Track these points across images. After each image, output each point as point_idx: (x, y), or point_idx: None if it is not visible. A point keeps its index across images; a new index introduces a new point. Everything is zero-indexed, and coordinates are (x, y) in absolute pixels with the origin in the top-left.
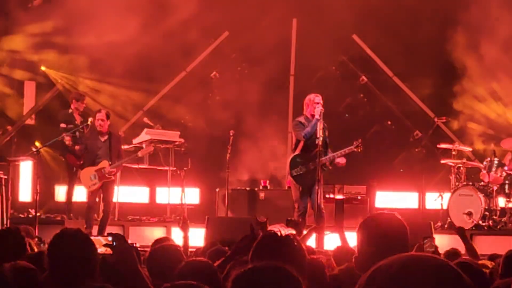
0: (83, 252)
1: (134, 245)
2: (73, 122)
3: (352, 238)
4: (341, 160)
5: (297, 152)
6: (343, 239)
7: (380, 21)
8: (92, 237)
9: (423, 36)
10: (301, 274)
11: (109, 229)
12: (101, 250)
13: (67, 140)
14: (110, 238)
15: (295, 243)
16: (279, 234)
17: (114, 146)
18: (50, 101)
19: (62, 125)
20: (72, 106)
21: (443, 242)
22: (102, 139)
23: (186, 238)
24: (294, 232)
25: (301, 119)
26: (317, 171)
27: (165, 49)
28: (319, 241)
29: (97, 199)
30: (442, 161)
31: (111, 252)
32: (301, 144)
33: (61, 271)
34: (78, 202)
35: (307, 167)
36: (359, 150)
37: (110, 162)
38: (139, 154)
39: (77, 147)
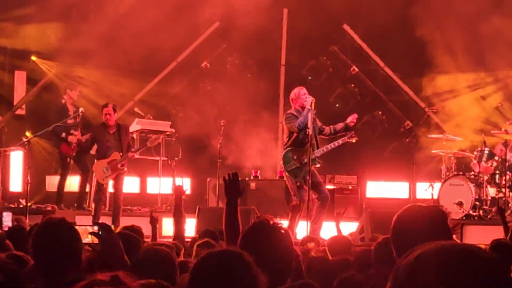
0: (67, 241)
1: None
2: (67, 114)
3: (345, 228)
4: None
5: (290, 147)
6: (339, 229)
7: (371, 11)
8: (78, 226)
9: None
10: (287, 262)
11: (101, 219)
12: (87, 239)
13: (73, 140)
14: (96, 228)
15: (283, 232)
16: (269, 222)
17: (124, 137)
18: (40, 91)
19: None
20: (65, 97)
21: None
22: (111, 132)
23: (154, 232)
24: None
25: (292, 111)
26: (309, 162)
27: (155, 39)
28: (315, 230)
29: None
30: (433, 151)
31: (97, 242)
32: (294, 136)
33: (45, 261)
34: (70, 192)
35: (300, 160)
36: (353, 141)
37: (121, 154)
38: (148, 144)
39: (82, 138)
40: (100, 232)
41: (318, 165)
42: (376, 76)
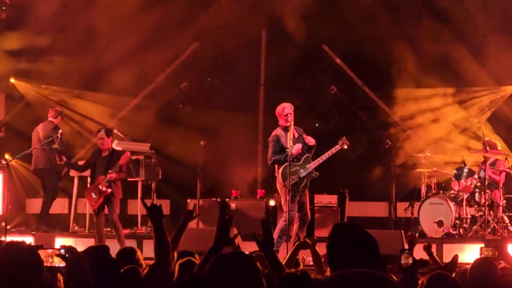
0: (26, 264)
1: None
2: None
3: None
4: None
5: (285, 163)
6: (314, 250)
7: (348, 31)
8: (45, 249)
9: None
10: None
11: (80, 241)
12: (57, 262)
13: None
14: (62, 251)
15: (252, 261)
16: (237, 250)
17: (114, 161)
18: (19, 113)
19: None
20: (56, 122)
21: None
22: (103, 156)
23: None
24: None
25: (277, 131)
26: (288, 182)
27: (135, 60)
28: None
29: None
30: (413, 170)
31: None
32: (286, 153)
33: (5, 285)
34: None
35: (298, 175)
36: (345, 147)
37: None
38: (120, 162)
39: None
40: (66, 255)
41: (315, 176)
42: (355, 95)
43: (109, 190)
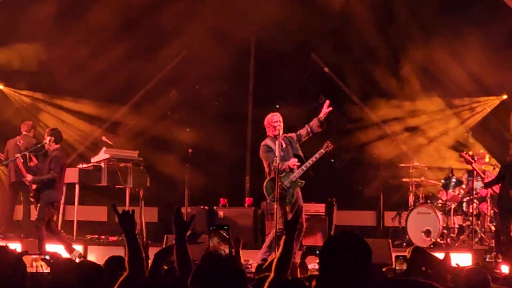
0: (9, 268)
1: None
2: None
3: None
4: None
5: (269, 176)
6: (303, 261)
7: (338, 40)
8: (30, 255)
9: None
10: None
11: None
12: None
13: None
14: (47, 257)
15: (236, 264)
16: (221, 255)
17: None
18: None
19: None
20: (31, 135)
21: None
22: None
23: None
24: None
25: (267, 141)
26: (276, 189)
27: (123, 68)
28: None
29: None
30: (401, 180)
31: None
32: (273, 165)
33: None
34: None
35: (283, 186)
36: (329, 150)
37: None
38: (17, 155)
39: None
40: (52, 261)
41: (301, 185)
42: (344, 104)
43: (31, 194)
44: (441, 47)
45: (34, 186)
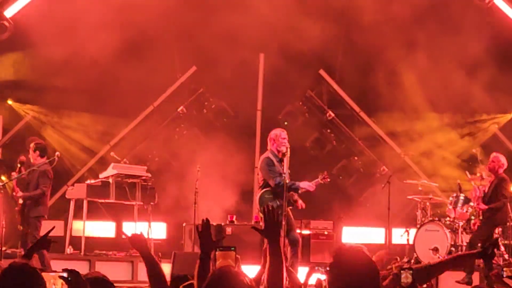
0: (29, 286)
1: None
2: None
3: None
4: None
5: (265, 188)
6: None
7: (347, 56)
8: (48, 273)
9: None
10: None
11: (73, 264)
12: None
13: None
14: (65, 274)
15: (244, 279)
16: (231, 268)
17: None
18: (17, 135)
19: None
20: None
21: None
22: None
23: None
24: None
25: (269, 155)
26: (284, 205)
27: (133, 83)
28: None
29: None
30: (409, 197)
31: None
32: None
33: None
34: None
35: (277, 202)
36: (325, 182)
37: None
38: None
39: None
40: (69, 278)
41: (291, 207)
42: (352, 121)
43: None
44: (450, 64)
45: (21, 201)
